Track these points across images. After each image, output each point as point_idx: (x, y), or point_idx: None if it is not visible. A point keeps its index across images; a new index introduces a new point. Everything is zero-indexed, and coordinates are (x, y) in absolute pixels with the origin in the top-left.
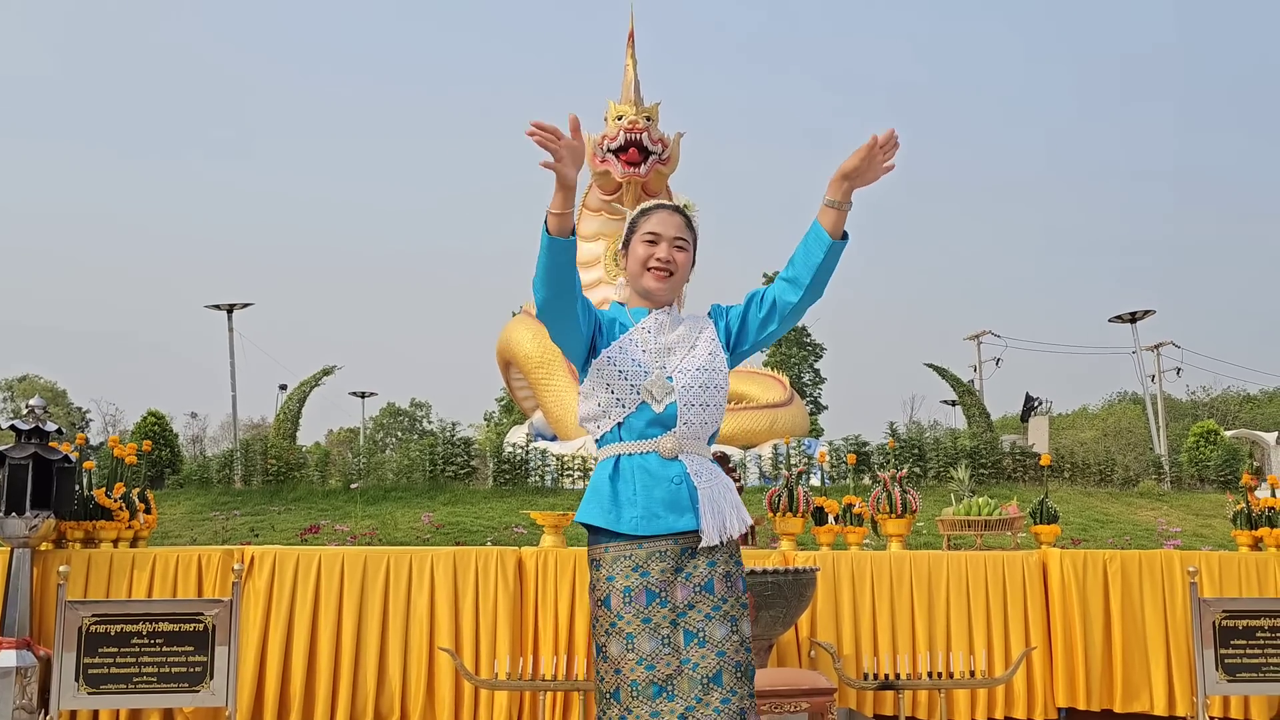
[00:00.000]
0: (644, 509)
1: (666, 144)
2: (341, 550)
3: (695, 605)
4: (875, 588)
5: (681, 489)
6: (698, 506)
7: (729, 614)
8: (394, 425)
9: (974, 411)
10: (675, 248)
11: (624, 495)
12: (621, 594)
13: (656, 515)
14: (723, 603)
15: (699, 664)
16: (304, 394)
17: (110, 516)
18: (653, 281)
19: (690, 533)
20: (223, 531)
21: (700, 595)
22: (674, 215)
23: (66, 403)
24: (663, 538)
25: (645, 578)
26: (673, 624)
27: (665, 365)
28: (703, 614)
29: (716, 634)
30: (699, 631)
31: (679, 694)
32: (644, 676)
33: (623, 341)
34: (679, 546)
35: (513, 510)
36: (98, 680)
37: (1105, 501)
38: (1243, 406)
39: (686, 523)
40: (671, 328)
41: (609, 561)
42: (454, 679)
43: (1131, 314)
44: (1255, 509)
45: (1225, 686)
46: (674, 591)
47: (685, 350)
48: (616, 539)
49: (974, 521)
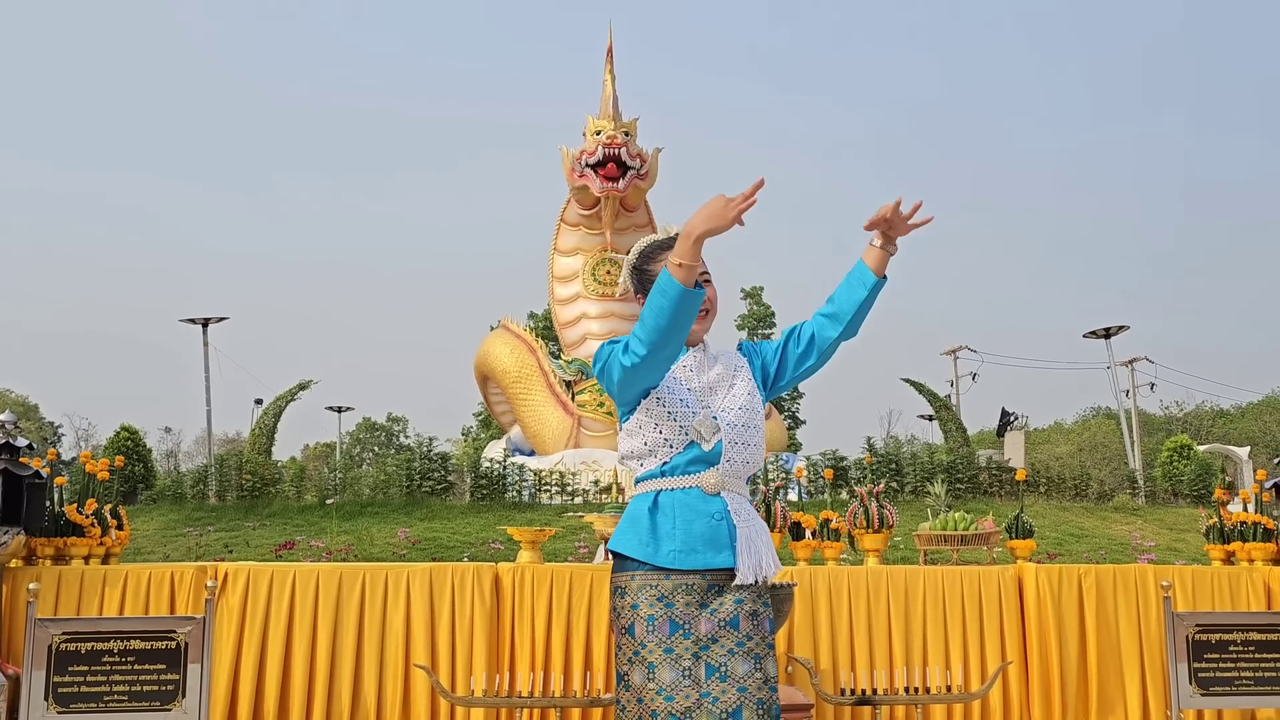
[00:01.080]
0: (683, 543)
1: (645, 159)
2: (317, 566)
3: (718, 640)
4: (852, 603)
5: (722, 526)
6: (735, 545)
7: (753, 651)
8: (370, 440)
9: (951, 426)
10: (703, 283)
11: (663, 528)
12: (645, 622)
13: (695, 550)
14: (747, 639)
15: (719, 698)
16: (280, 408)
17: (82, 533)
18: (695, 324)
19: (723, 570)
20: (196, 548)
21: (724, 630)
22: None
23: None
24: (693, 572)
25: (670, 608)
26: (694, 656)
27: (710, 405)
28: (725, 649)
29: (739, 670)
30: (721, 666)
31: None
32: (664, 707)
33: (669, 381)
34: (706, 582)
35: (490, 526)
36: (68, 699)
37: (1080, 516)
38: (1216, 421)
39: (724, 560)
40: (709, 365)
41: (634, 589)
42: (430, 696)
43: (1106, 330)
44: (1228, 523)
45: (1199, 700)
46: (698, 625)
47: (726, 389)
48: (643, 567)
49: (950, 536)
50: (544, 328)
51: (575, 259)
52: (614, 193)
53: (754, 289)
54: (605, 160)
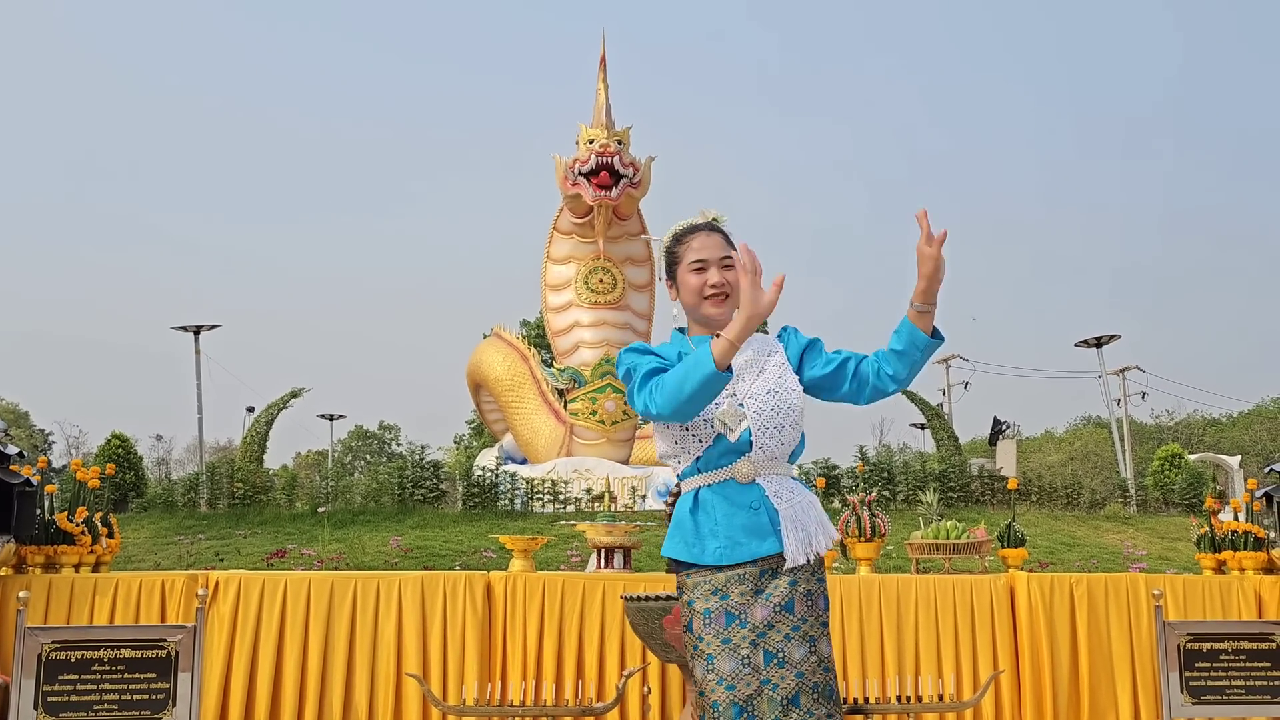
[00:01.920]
0: (726, 538)
1: (638, 168)
2: (308, 575)
3: (775, 625)
4: (844, 611)
5: (761, 514)
6: (779, 528)
7: (808, 634)
8: (362, 448)
9: (942, 435)
10: (724, 268)
11: (705, 527)
12: (702, 616)
13: (739, 543)
14: (802, 623)
15: (779, 685)
16: (271, 416)
17: (72, 541)
18: (712, 308)
19: (774, 555)
20: (187, 556)
21: (780, 615)
22: (712, 235)
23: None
24: (744, 564)
25: (725, 600)
26: (752, 644)
27: (735, 392)
28: (782, 634)
29: (795, 655)
30: (778, 652)
31: (759, 714)
32: (725, 697)
33: None
34: (758, 569)
35: (482, 534)
36: (57, 708)
37: (1072, 525)
38: (1207, 430)
39: (769, 547)
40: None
41: (690, 587)
42: (421, 705)
43: (1097, 339)
44: (1219, 532)
45: (1190, 709)
46: (753, 612)
47: (754, 375)
48: (696, 569)
49: (942, 545)
50: (536, 336)
51: (568, 267)
52: (607, 201)
53: None
54: (598, 169)
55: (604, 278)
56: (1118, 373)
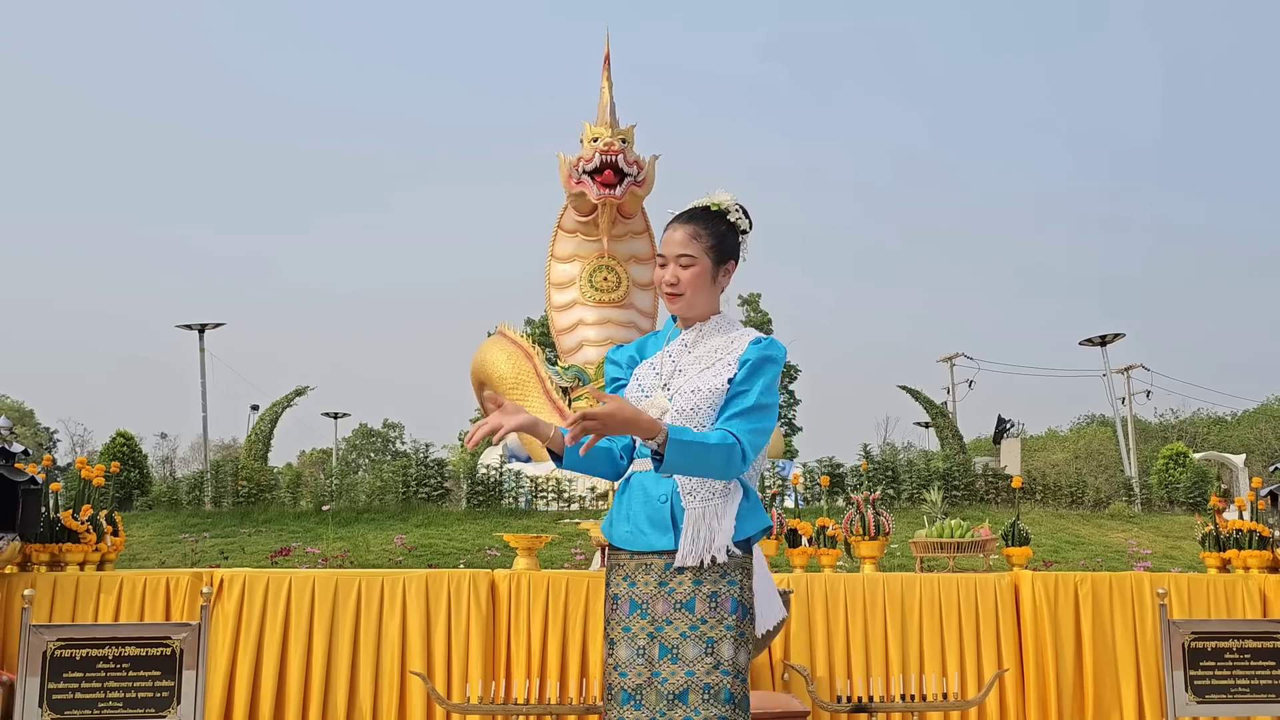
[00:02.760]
0: (632, 525)
1: (642, 166)
2: (312, 573)
3: (673, 621)
4: (849, 610)
5: (665, 507)
6: (680, 525)
7: (706, 635)
8: (366, 446)
9: (947, 434)
10: (680, 266)
11: (621, 510)
12: (611, 601)
13: (642, 532)
14: (701, 623)
15: (667, 679)
16: (276, 415)
17: (77, 539)
18: (668, 302)
19: (672, 551)
20: (192, 554)
21: (678, 612)
22: (677, 230)
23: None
24: (650, 553)
25: (632, 588)
26: (649, 636)
27: (669, 386)
28: (679, 631)
29: (689, 653)
30: (674, 648)
31: (645, 705)
32: (618, 683)
33: (637, 371)
34: (664, 561)
35: (486, 532)
36: (62, 706)
37: (1076, 523)
38: (1211, 429)
39: (666, 542)
40: (695, 346)
41: (609, 569)
42: (426, 703)
43: (1102, 337)
44: (1223, 531)
45: (1195, 708)
46: (655, 604)
47: (698, 370)
48: (617, 550)
49: (947, 544)
50: (541, 334)
51: (572, 266)
52: (611, 199)
53: (751, 295)
54: (602, 167)
55: (608, 276)
56: (1122, 371)
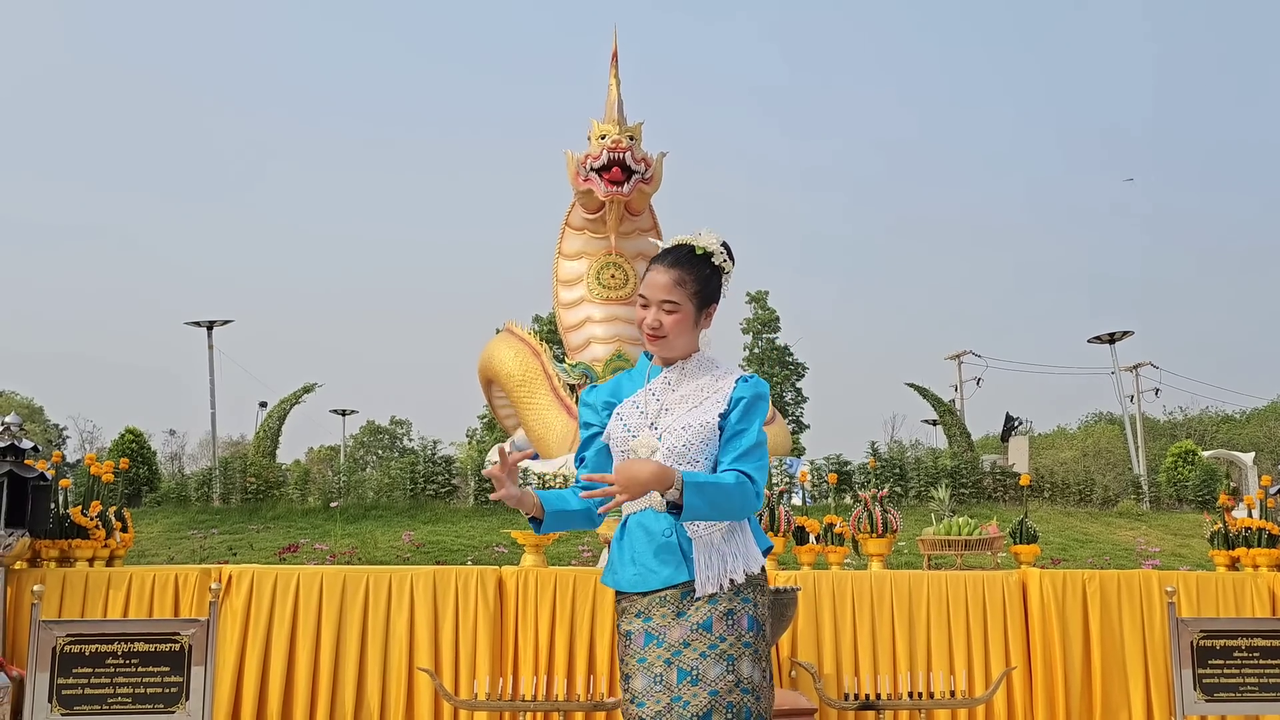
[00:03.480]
0: (640, 566)
1: (649, 163)
2: (320, 569)
3: (691, 644)
4: (856, 607)
5: (672, 540)
6: (691, 555)
7: (726, 653)
8: (374, 443)
9: (954, 431)
10: (663, 311)
11: (624, 555)
12: (624, 638)
13: (651, 571)
14: (720, 641)
15: (690, 702)
16: (284, 412)
17: (86, 535)
18: (650, 344)
19: (688, 582)
20: (200, 550)
21: (696, 634)
22: (662, 274)
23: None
24: (664, 589)
25: (647, 623)
26: (666, 663)
27: (656, 425)
28: (698, 652)
29: (710, 673)
30: (692, 670)
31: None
32: (635, 714)
33: (620, 410)
34: (679, 592)
35: (494, 529)
36: (71, 701)
37: (1084, 521)
38: (1220, 427)
39: (681, 575)
40: (679, 384)
41: (620, 612)
42: (433, 700)
43: (1110, 335)
44: (1232, 529)
45: (1203, 706)
46: (671, 632)
47: (685, 409)
48: (627, 594)
49: (954, 541)
50: (549, 331)
51: (580, 263)
52: (618, 197)
53: (759, 293)
54: (610, 164)
55: (616, 273)
56: (1131, 369)
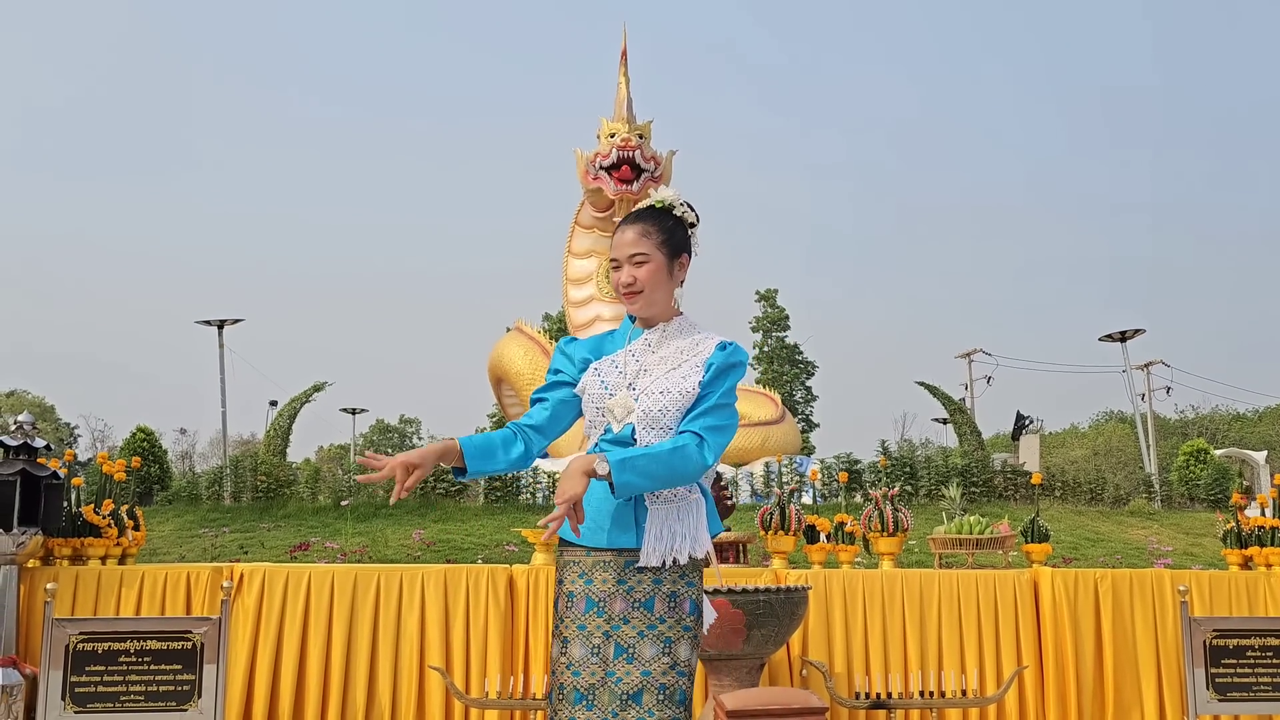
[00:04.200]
0: (592, 520)
1: (659, 161)
2: (331, 568)
3: (630, 620)
4: (867, 606)
5: (628, 507)
6: (643, 524)
7: (664, 635)
8: (384, 442)
9: (965, 430)
10: (634, 265)
11: (581, 508)
12: (566, 598)
13: (602, 528)
14: (659, 622)
15: (622, 679)
16: (294, 410)
17: (98, 533)
18: (628, 304)
19: (634, 550)
20: (212, 549)
21: (637, 611)
22: (627, 231)
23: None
24: (609, 550)
25: (589, 585)
26: (605, 635)
27: (635, 385)
28: (636, 630)
29: (646, 652)
30: (629, 647)
31: (598, 705)
32: (570, 682)
33: (598, 365)
34: (623, 559)
35: (504, 528)
36: (84, 699)
37: (1096, 520)
38: (1232, 425)
39: (628, 540)
40: (659, 346)
41: (562, 565)
42: (444, 697)
43: (1121, 333)
44: (1245, 528)
45: (1216, 705)
46: (613, 603)
47: (663, 371)
48: (571, 546)
49: (965, 540)
50: (558, 330)
51: (589, 261)
52: (628, 195)
53: (768, 291)
54: (619, 163)
55: None
56: (1142, 367)
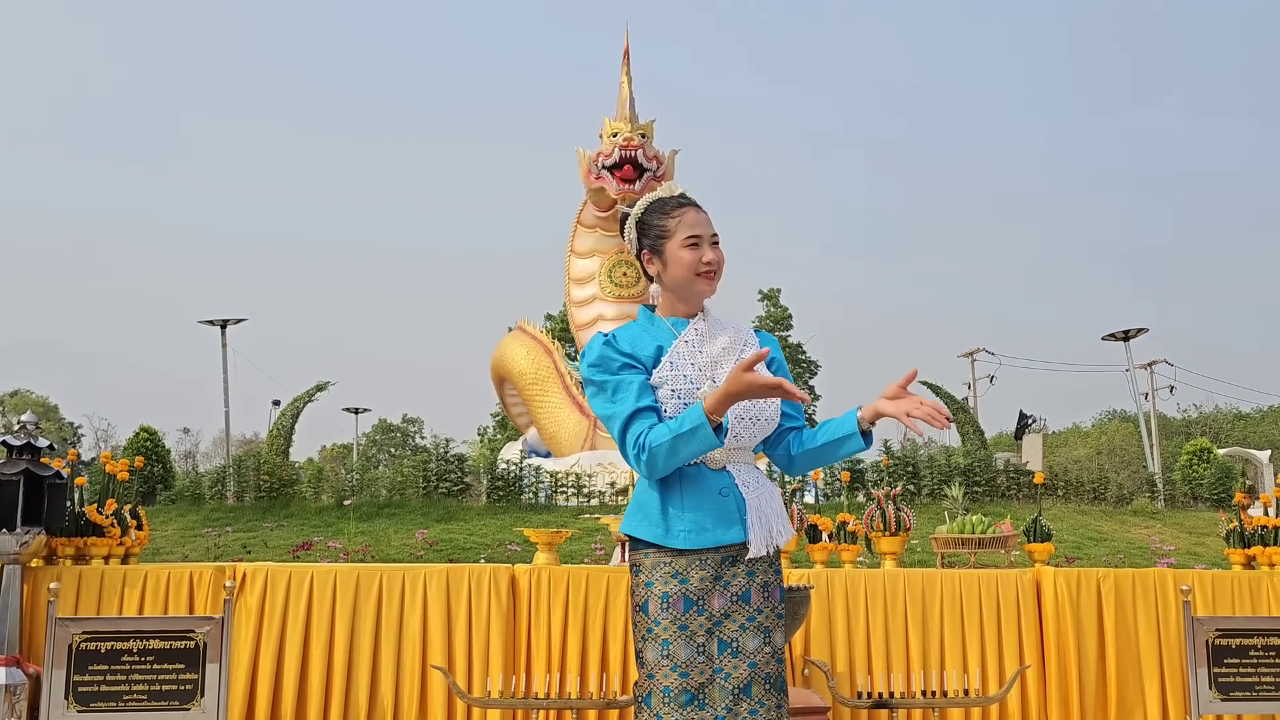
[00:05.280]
0: (693, 522)
1: (661, 161)
2: (334, 567)
3: (731, 615)
4: (869, 606)
5: (729, 501)
6: (745, 518)
7: (763, 625)
8: (386, 441)
9: (968, 429)
10: (714, 246)
11: (672, 509)
12: (659, 600)
13: (705, 528)
14: (758, 613)
15: (731, 674)
16: (297, 410)
17: (102, 533)
18: (704, 285)
19: (737, 544)
20: (215, 548)
21: (736, 605)
22: (703, 212)
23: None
24: (706, 549)
25: (684, 585)
26: (708, 632)
27: (714, 378)
28: (738, 624)
29: (749, 645)
30: (733, 641)
31: (709, 703)
32: (677, 684)
33: (672, 358)
34: (720, 556)
35: (506, 527)
36: (88, 698)
37: (1099, 519)
38: (1235, 424)
39: (734, 535)
40: (712, 336)
41: (648, 567)
42: (447, 697)
43: (1125, 332)
44: (1248, 527)
45: (1219, 705)
46: (711, 600)
47: (731, 361)
48: (656, 548)
49: (968, 539)
50: (560, 329)
51: (592, 261)
52: (630, 195)
53: (771, 291)
54: (621, 162)
55: (627, 271)
56: (1145, 366)
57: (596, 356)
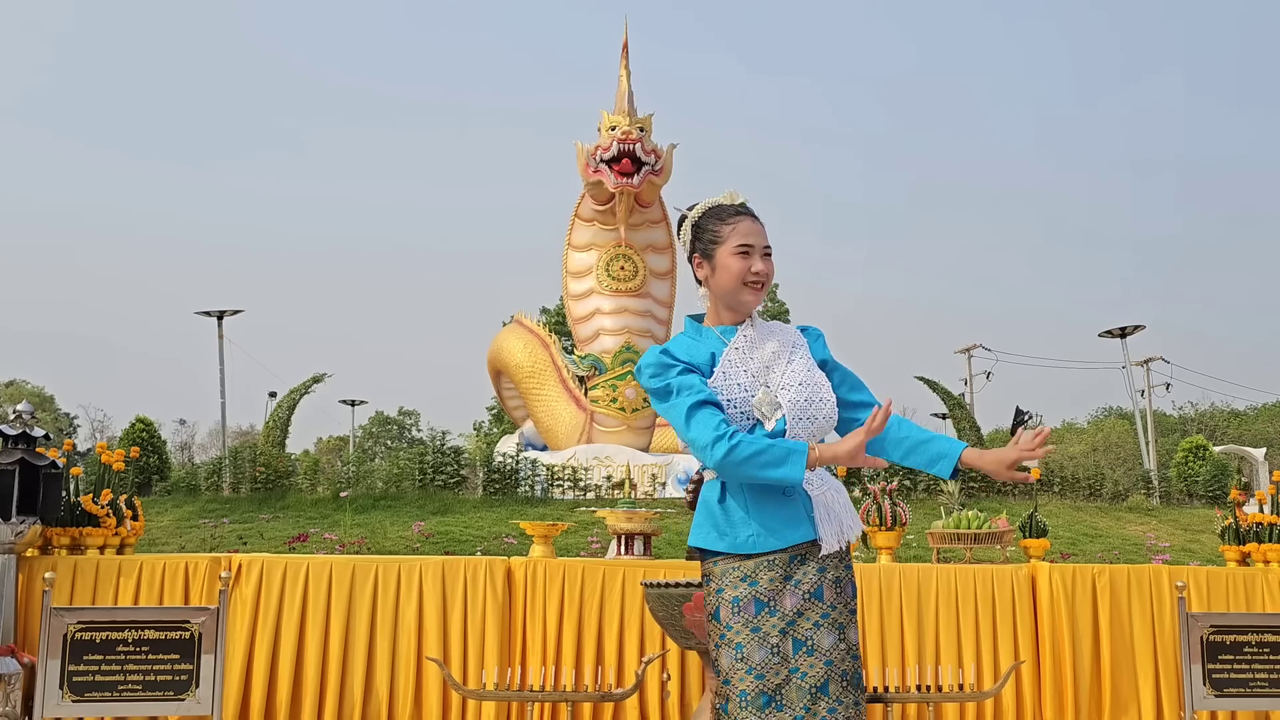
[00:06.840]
0: (760, 525)
1: (659, 155)
2: (330, 559)
3: (804, 613)
4: (864, 601)
5: (795, 501)
6: (813, 515)
7: (837, 621)
8: (383, 434)
9: (964, 425)
10: (766, 258)
11: (736, 514)
12: (730, 605)
13: (773, 530)
14: (831, 610)
15: (807, 673)
16: (294, 402)
17: (97, 523)
18: (750, 295)
19: (806, 542)
20: (210, 539)
21: (809, 602)
22: (757, 223)
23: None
24: (775, 551)
25: (754, 587)
26: (781, 633)
27: (768, 383)
28: (811, 622)
29: (824, 642)
30: (807, 640)
31: (787, 704)
32: (754, 687)
33: (724, 367)
34: (789, 555)
35: (502, 520)
36: (83, 688)
37: (1094, 516)
38: (1231, 422)
39: (803, 534)
40: (761, 342)
41: (718, 575)
42: (442, 689)
43: (1121, 329)
44: (1243, 524)
45: (1213, 701)
46: (783, 600)
47: (783, 365)
48: (722, 555)
49: (963, 535)
50: (557, 323)
51: (589, 254)
52: (628, 188)
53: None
54: (620, 156)
55: (625, 265)
56: (1142, 364)
57: (656, 365)
